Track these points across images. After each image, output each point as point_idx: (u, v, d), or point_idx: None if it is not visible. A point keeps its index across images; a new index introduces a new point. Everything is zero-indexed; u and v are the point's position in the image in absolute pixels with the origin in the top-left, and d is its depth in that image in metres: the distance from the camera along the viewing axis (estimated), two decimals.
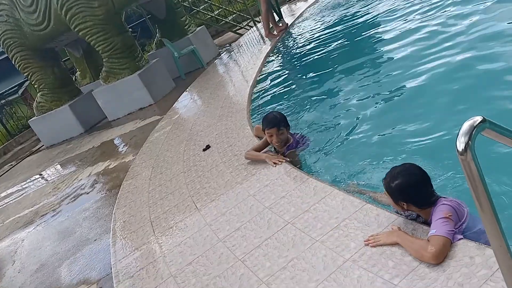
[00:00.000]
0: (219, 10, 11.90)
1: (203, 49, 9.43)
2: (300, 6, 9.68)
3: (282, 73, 5.70)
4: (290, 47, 6.91)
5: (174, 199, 3.38)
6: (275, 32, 7.60)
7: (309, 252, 2.07)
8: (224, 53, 9.11)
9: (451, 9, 4.73)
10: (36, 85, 9.11)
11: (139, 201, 3.71)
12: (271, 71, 5.90)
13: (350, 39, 5.61)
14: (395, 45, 4.61)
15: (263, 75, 5.80)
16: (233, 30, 11.24)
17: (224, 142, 3.99)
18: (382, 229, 1.97)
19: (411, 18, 5.10)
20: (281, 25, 7.82)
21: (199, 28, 10.13)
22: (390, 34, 4.99)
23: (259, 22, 10.09)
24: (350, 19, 6.50)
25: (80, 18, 7.74)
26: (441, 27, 4.40)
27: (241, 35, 10.37)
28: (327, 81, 4.63)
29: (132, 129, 7.04)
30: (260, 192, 2.83)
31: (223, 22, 11.43)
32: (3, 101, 13.74)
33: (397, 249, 1.81)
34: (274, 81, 5.47)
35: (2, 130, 12.14)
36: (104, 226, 3.84)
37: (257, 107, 4.78)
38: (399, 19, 5.22)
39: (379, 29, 5.45)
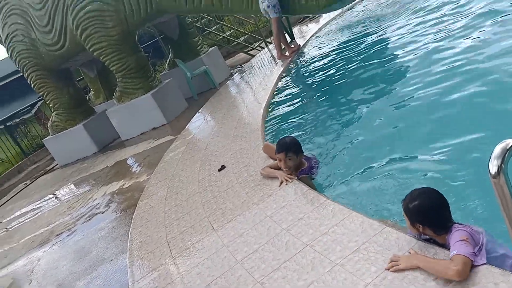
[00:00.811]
0: (231, 31, 12.08)
1: (215, 70, 9.57)
2: (312, 27, 9.79)
3: (294, 94, 5.76)
4: (302, 68, 6.98)
5: (190, 220, 3.41)
6: (287, 53, 7.69)
7: (329, 276, 2.08)
8: (236, 73, 9.22)
9: (470, 29, 4.76)
10: (51, 105, 9.25)
11: (155, 221, 3.73)
12: (284, 92, 5.96)
13: (362, 60, 5.66)
14: (408, 66, 4.63)
15: (276, 96, 5.85)
16: (244, 51, 11.39)
17: (239, 163, 4.02)
18: (403, 253, 1.98)
19: (424, 39, 5.13)
20: (293, 46, 7.92)
21: (211, 48, 10.29)
22: (403, 55, 5.02)
23: (271, 43, 10.23)
24: (361, 40, 6.56)
25: (95, 38, 7.90)
26: (458, 47, 4.42)
27: (253, 56, 10.51)
28: (340, 103, 4.67)
29: (146, 148, 7.10)
30: (277, 213, 2.85)
31: (234, 43, 11.59)
32: (17, 120, 13.94)
33: (419, 273, 1.81)
34: (287, 102, 5.53)
35: (17, 149, 12.30)
36: (120, 246, 3.86)
37: (271, 128, 4.83)
38: (412, 40, 5.26)
39: (392, 50, 5.50)
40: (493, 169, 1.09)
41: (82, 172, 7.76)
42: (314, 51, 7.58)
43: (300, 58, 7.47)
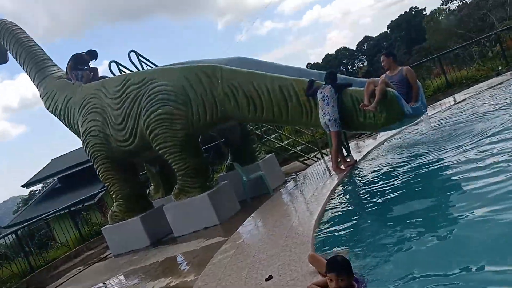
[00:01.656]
0: (289, 140, 12.58)
1: (270, 176, 9.89)
2: (369, 143, 10.04)
3: (346, 209, 5.82)
4: (356, 184, 7.09)
5: None
6: (343, 167, 7.87)
7: None
8: (290, 181, 9.46)
9: None
10: (113, 195, 9.80)
11: None
12: (336, 206, 6.04)
13: (419, 182, 5.70)
14: (469, 194, 4.60)
15: (328, 209, 5.93)
16: (300, 160, 11.74)
17: (286, 275, 4.05)
18: None
19: (481, 166, 5.13)
20: (349, 160, 8.11)
21: (268, 155, 10.73)
22: (464, 182, 4.99)
23: (327, 155, 10.53)
24: (418, 161, 6.64)
25: (162, 138, 8.55)
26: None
27: (308, 165, 10.80)
28: (393, 224, 4.66)
29: (196, 247, 7.26)
30: None
31: (291, 151, 12.01)
32: (81, 206, 14.73)
33: None
34: (338, 217, 5.58)
35: (76, 234, 12.87)
36: None
37: (321, 241, 4.86)
38: (474, 169, 5.24)
39: (452, 175, 5.49)
40: None
41: (133, 264, 7.96)
42: (370, 167, 7.72)
43: (355, 173, 7.61)
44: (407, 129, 9.49)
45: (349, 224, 5.19)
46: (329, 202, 6.25)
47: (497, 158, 5.13)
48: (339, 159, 7.99)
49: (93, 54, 10.31)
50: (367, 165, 7.98)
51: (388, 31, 63.55)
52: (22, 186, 28.84)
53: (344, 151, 8.59)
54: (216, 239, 7.21)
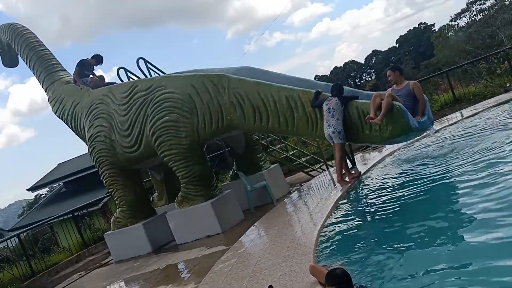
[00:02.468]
0: (294, 151, 12.57)
1: (274, 186, 9.87)
2: (374, 156, 10.00)
3: (350, 221, 5.78)
4: (360, 196, 7.05)
5: None
6: (347, 179, 7.84)
7: None
8: (294, 192, 9.43)
9: None
10: (117, 201, 9.80)
11: None
12: (340, 218, 6.01)
13: (423, 196, 5.67)
14: (472, 208, 4.57)
15: (331, 221, 5.90)
16: (305, 171, 11.71)
17: (287, 285, 4.02)
18: None
19: (491, 183, 5.08)
20: (353, 172, 8.08)
21: (273, 165, 10.71)
22: (468, 196, 4.95)
23: (332, 166, 10.49)
24: (425, 175, 6.61)
25: (167, 145, 8.56)
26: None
27: (313, 176, 10.77)
28: (396, 238, 4.63)
29: (198, 255, 7.23)
30: None
31: (296, 162, 11.99)
32: (84, 211, 14.75)
33: None
34: (342, 228, 5.55)
35: (79, 238, 12.87)
36: None
37: (323, 252, 4.83)
38: (479, 184, 5.20)
39: (457, 190, 5.47)
40: None
41: (134, 271, 7.94)
42: (375, 180, 7.69)
43: (360, 185, 7.57)
44: (413, 143, 9.45)
45: (352, 235, 5.16)
46: (333, 214, 6.22)
47: (502, 172, 5.10)
48: (344, 171, 7.97)
49: (98, 59, 10.40)
50: (372, 177, 7.95)
51: (397, 45, 63.70)
52: (28, 190, 28.99)
53: (349, 163, 8.56)
54: (218, 248, 7.19)
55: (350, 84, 58.87)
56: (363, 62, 69.96)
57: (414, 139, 8.67)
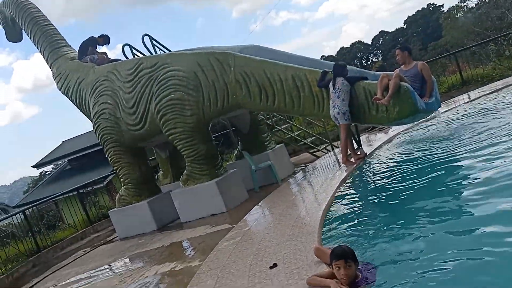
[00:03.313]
0: (299, 132, 12.51)
1: (279, 166, 9.84)
2: (380, 137, 9.94)
3: (355, 201, 5.77)
4: (366, 177, 7.03)
5: None
6: (353, 159, 7.81)
7: None
8: (299, 172, 9.41)
9: None
10: (122, 179, 9.83)
11: None
12: (345, 198, 6.00)
13: (428, 176, 5.63)
14: (478, 189, 4.53)
15: (336, 201, 5.89)
16: (310, 151, 11.67)
17: (291, 264, 4.03)
18: None
19: (495, 162, 5.04)
20: (359, 153, 8.04)
21: (278, 145, 10.67)
22: (474, 178, 4.91)
23: (337, 147, 10.45)
24: (428, 156, 6.57)
25: (172, 124, 8.52)
26: None
27: (318, 157, 10.73)
28: (402, 217, 4.61)
29: (202, 234, 7.26)
30: None
31: (301, 143, 11.95)
32: (89, 188, 14.83)
33: None
34: (346, 208, 5.54)
35: (84, 216, 12.97)
36: None
37: (328, 232, 4.83)
38: (485, 165, 5.15)
39: (462, 171, 5.43)
40: None
41: (139, 248, 8.00)
42: (380, 161, 7.65)
43: (365, 166, 7.54)
44: (420, 124, 9.37)
45: (357, 216, 5.15)
46: (338, 194, 6.21)
47: (507, 155, 5.06)
48: (349, 152, 7.93)
49: (106, 39, 10.36)
50: (377, 158, 7.91)
51: (405, 26, 62.85)
52: (33, 166, 29.16)
53: (355, 144, 8.51)
54: (223, 226, 7.21)
55: (356, 65, 58.27)
56: (370, 43, 69.17)
57: (421, 120, 8.59)
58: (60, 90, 10.46)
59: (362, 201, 5.77)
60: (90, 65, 9.88)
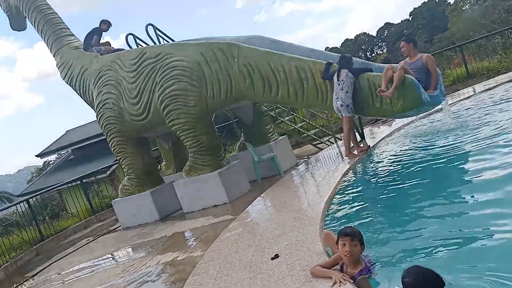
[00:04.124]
0: (303, 123, 12.49)
1: (282, 158, 9.84)
2: (384, 130, 9.91)
3: (357, 194, 5.76)
4: (368, 169, 7.01)
5: None
6: (355, 152, 7.79)
7: None
8: (302, 164, 9.41)
9: None
10: (125, 169, 9.85)
11: None
12: (347, 190, 5.99)
13: (430, 170, 5.62)
14: (481, 183, 4.52)
15: (338, 193, 5.89)
16: (313, 143, 11.66)
17: (293, 255, 4.04)
18: None
19: (502, 160, 5.00)
20: (362, 146, 8.02)
21: (281, 137, 10.66)
22: (477, 172, 4.89)
23: (340, 139, 10.43)
24: (432, 150, 6.54)
25: (175, 114, 8.51)
26: None
27: (321, 149, 10.72)
28: (404, 212, 4.60)
29: (204, 224, 7.29)
30: None
31: (305, 134, 11.93)
32: (92, 178, 14.88)
33: None
34: (348, 201, 5.53)
35: (87, 205, 13.03)
36: None
37: (329, 224, 4.83)
38: (489, 159, 5.13)
39: (465, 165, 5.41)
40: None
41: (141, 238, 8.04)
42: (383, 153, 7.63)
43: (368, 159, 7.52)
44: (424, 117, 9.33)
45: (359, 208, 5.15)
46: (340, 186, 6.20)
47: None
48: (352, 144, 7.91)
49: (108, 23, 10.33)
50: (380, 151, 7.89)
51: (410, 18, 62.35)
52: (37, 156, 29.27)
53: (358, 137, 8.49)
54: (225, 217, 7.23)
55: (361, 57, 57.96)
56: (375, 34, 68.71)
57: (425, 113, 8.55)
58: (63, 79, 10.46)
59: (364, 193, 5.76)
60: (94, 55, 9.87)
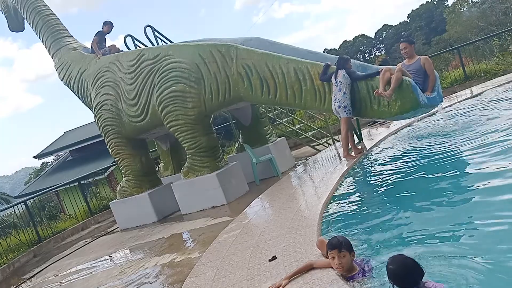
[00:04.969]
0: (301, 125, 12.49)
1: (280, 159, 9.85)
2: (381, 131, 9.92)
3: (355, 195, 5.77)
4: (366, 171, 7.02)
5: None
6: (353, 154, 7.80)
7: None
8: (300, 165, 9.41)
9: None
10: (123, 170, 9.85)
11: None
12: (345, 192, 6.00)
13: (428, 172, 5.63)
14: (480, 186, 4.54)
15: (336, 195, 5.89)
16: (311, 145, 11.66)
17: (291, 256, 4.04)
18: None
19: (498, 161, 5.03)
20: (360, 147, 8.03)
21: (279, 139, 10.67)
22: (474, 174, 4.92)
23: (338, 141, 10.43)
24: (429, 151, 6.56)
25: (173, 116, 8.52)
26: None
27: (319, 151, 10.72)
28: (402, 212, 4.61)
29: (202, 226, 7.29)
30: None
31: (303, 136, 11.93)
32: (90, 179, 14.85)
33: None
34: (346, 202, 5.54)
35: (85, 206, 13.02)
36: None
37: (327, 225, 4.84)
38: (485, 160, 5.16)
39: (463, 166, 5.42)
40: None
41: (139, 239, 8.03)
42: (381, 155, 7.64)
43: (366, 160, 7.53)
44: (421, 119, 9.35)
45: (357, 209, 5.16)
46: (338, 188, 6.21)
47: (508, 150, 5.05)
48: (350, 146, 7.92)
49: (110, 24, 10.31)
50: (378, 153, 7.90)
51: (408, 20, 62.49)
52: (35, 157, 29.22)
53: (356, 138, 8.49)
54: (223, 219, 7.23)
55: (359, 59, 58.05)
56: (373, 36, 68.81)
57: (423, 115, 8.56)
58: (62, 80, 10.46)
59: (362, 195, 5.77)
60: (92, 56, 9.87)
